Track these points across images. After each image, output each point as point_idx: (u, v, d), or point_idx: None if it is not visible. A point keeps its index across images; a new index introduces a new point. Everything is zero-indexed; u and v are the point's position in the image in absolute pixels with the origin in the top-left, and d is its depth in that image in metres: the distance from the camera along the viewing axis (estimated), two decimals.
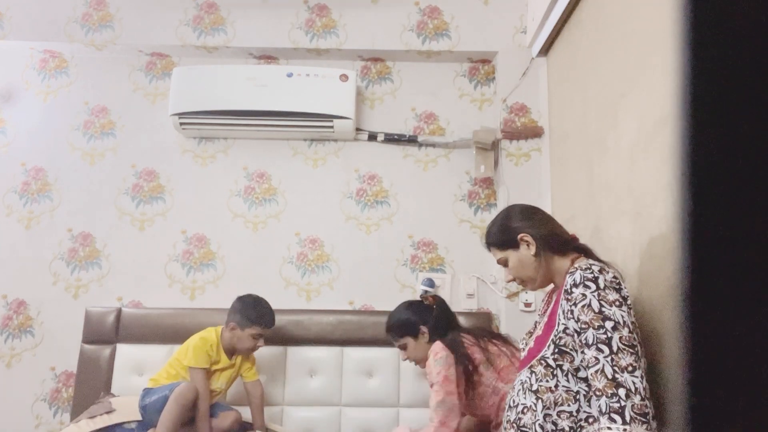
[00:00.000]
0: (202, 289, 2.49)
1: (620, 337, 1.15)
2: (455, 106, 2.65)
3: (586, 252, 1.42)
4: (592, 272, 1.23)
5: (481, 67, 2.70)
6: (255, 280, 2.48)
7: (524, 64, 2.53)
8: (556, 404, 1.24)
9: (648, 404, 1.11)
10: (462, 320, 2.09)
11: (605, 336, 1.16)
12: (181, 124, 2.49)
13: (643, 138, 1.49)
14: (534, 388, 1.28)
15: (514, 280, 1.46)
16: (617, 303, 1.18)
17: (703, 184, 0.28)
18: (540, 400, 1.26)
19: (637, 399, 1.10)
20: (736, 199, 0.28)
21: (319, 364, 2.29)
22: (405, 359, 1.95)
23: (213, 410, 1.98)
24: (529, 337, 1.43)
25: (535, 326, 1.44)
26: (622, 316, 1.17)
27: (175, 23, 2.61)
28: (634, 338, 1.16)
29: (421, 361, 1.91)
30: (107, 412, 1.99)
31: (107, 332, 2.30)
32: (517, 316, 2.30)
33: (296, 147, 2.62)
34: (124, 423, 1.98)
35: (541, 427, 1.23)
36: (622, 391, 1.11)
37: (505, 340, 1.88)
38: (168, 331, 2.29)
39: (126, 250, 2.52)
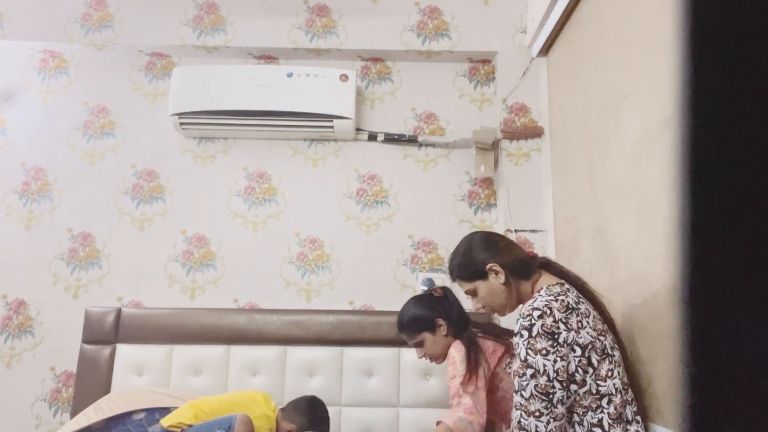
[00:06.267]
0: (202, 289, 2.49)
1: (535, 385, 1.20)
2: (455, 106, 2.65)
3: (547, 266, 1.45)
4: (530, 318, 1.26)
5: (481, 67, 2.70)
6: (255, 280, 2.48)
7: (524, 64, 2.53)
8: None
9: None
10: None
11: (526, 383, 1.22)
12: (181, 124, 2.49)
13: (647, 138, 1.48)
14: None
15: (484, 307, 1.49)
16: (543, 352, 1.22)
17: (706, 184, 0.28)
18: None
19: None
20: (739, 200, 0.28)
21: (318, 364, 2.29)
22: (422, 357, 1.85)
23: None
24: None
25: None
26: (544, 365, 1.21)
27: (175, 23, 2.61)
28: (552, 386, 1.20)
29: (439, 357, 1.82)
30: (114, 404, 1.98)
31: (107, 332, 2.30)
32: (516, 317, 2.29)
33: (296, 147, 2.62)
34: (132, 413, 1.96)
35: None
36: None
37: None
38: (168, 331, 2.29)
39: (126, 250, 2.52)
